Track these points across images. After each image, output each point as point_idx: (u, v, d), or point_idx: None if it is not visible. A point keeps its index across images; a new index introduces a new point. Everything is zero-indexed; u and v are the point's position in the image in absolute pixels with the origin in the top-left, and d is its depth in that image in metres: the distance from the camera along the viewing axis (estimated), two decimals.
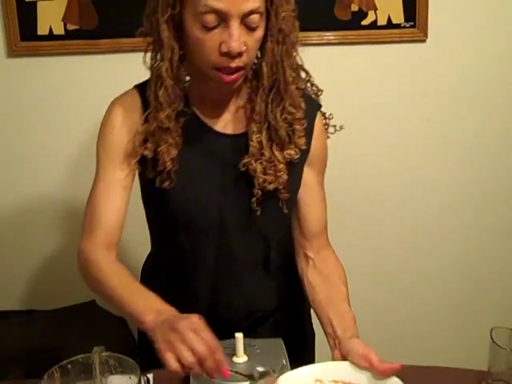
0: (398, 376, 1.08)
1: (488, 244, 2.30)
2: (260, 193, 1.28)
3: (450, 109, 2.18)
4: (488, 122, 2.20)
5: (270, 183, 1.28)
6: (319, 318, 1.29)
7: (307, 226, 1.38)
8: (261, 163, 1.27)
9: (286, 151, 1.28)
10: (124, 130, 1.28)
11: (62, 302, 2.15)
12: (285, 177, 1.29)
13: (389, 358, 1.45)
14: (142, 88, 1.29)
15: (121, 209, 1.29)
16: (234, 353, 1.21)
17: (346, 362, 1.12)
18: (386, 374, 1.05)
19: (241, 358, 1.20)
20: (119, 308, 1.19)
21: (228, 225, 1.33)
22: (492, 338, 1.25)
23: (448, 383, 1.34)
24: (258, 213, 1.31)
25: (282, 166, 1.28)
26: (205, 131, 1.30)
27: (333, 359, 1.17)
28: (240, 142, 1.30)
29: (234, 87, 1.26)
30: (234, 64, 1.18)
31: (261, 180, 1.27)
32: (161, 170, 1.26)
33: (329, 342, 1.24)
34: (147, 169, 1.27)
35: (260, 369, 1.10)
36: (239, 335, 1.20)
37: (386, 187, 2.23)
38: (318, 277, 1.33)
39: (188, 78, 1.29)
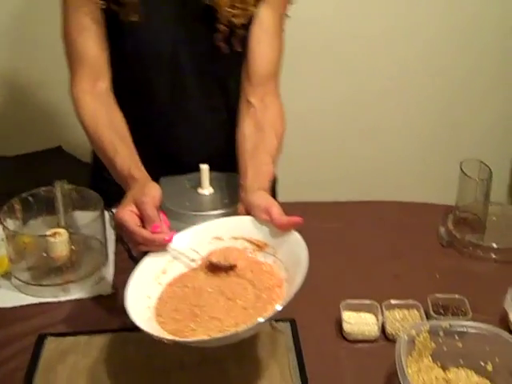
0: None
1: (461, 79, 2.25)
2: (226, 29, 1.21)
3: None
4: None
5: (237, 17, 1.20)
6: (239, 170, 1.14)
7: (254, 66, 1.25)
8: None
9: None
10: None
11: (27, 148, 2.11)
12: (254, 10, 1.20)
13: (358, 195, 1.47)
14: None
15: (99, 36, 1.21)
16: (198, 185, 1.18)
17: (248, 217, 0.99)
18: (284, 228, 0.94)
19: (206, 190, 1.17)
20: None
21: (181, 60, 1.27)
22: (462, 169, 1.24)
23: (416, 217, 1.35)
24: (226, 50, 1.23)
25: None
26: None
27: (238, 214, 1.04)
28: None
29: None
30: None
31: (227, 14, 1.19)
32: (125, 2, 1.17)
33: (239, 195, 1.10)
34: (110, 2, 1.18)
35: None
36: (204, 166, 1.16)
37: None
38: (253, 126, 1.20)
39: None
